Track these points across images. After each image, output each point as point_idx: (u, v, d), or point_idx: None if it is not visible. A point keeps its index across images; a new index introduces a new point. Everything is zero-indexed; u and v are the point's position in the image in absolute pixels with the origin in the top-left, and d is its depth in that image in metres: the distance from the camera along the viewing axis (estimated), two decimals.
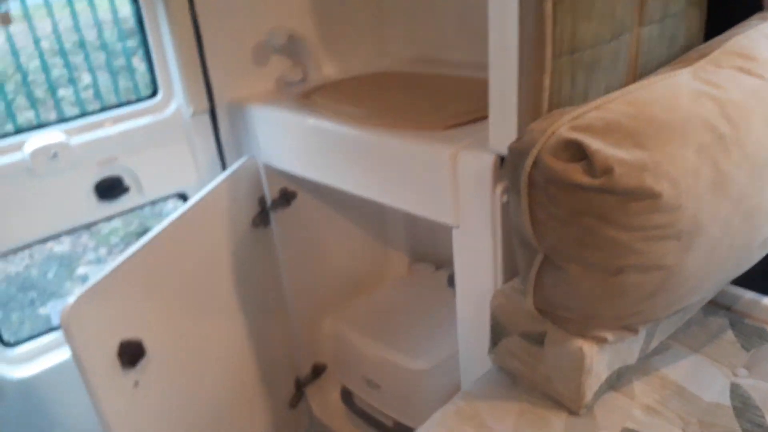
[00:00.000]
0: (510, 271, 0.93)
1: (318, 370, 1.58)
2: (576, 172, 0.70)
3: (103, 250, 3.01)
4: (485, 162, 0.87)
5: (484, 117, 1.00)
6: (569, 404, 0.85)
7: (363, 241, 1.60)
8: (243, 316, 1.30)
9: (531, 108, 0.79)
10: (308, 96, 1.24)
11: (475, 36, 1.32)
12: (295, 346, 1.52)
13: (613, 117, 0.73)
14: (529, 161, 0.72)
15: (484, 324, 0.95)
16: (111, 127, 1.22)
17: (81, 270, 3.05)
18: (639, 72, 0.89)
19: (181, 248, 1.11)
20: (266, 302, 1.39)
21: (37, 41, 1.29)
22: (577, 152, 0.70)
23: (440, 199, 0.96)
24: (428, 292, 1.56)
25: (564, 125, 0.72)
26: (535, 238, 0.76)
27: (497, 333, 0.90)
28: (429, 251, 1.72)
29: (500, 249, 0.92)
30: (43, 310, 2.90)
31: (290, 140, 1.21)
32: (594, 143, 0.69)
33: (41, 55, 1.33)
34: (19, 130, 1.16)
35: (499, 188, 0.88)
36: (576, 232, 0.72)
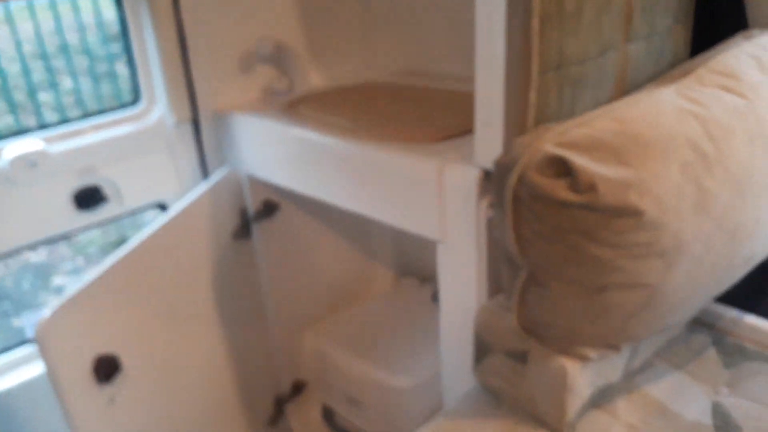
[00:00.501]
0: (495, 287, 0.92)
1: (298, 387, 1.55)
2: (560, 189, 0.69)
3: (80, 260, 2.95)
4: (471, 176, 0.87)
5: (471, 131, 0.99)
6: (552, 422, 0.84)
7: (347, 255, 1.59)
8: (222, 330, 1.28)
9: (517, 123, 0.79)
10: (294, 106, 1.23)
11: (463, 49, 1.32)
12: (275, 362, 1.49)
13: (598, 134, 0.73)
14: (514, 177, 0.72)
15: (468, 341, 0.94)
16: (91, 135, 1.20)
17: (57, 280, 2.99)
18: (626, 88, 0.89)
19: (160, 260, 1.09)
20: (246, 316, 1.37)
21: (18, 44, 1.26)
22: (562, 168, 0.70)
23: (425, 214, 0.95)
24: (413, 307, 1.55)
25: (549, 141, 0.72)
26: (520, 254, 0.75)
27: (481, 350, 0.89)
28: (415, 265, 1.71)
29: (485, 264, 0.91)
30: (16, 322, 2.83)
31: (275, 150, 1.20)
32: (578, 160, 0.69)
33: (22, 59, 1.30)
34: None
35: (484, 203, 0.87)
36: (560, 249, 0.72)
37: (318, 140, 1.09)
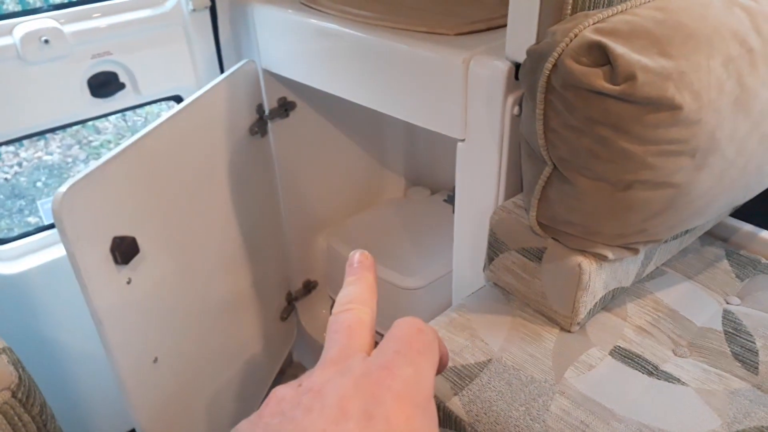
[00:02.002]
0: (513, 188, 0.91)
1: (309, 287, 1.59)
2: (597, 77, 0.67)
3: (93, 162, 2.96)
4: (499, 70, 0.84)
5: (501, 26, 0.95)
6: (562, 321, 0.85)
7: (361, 160, 1.58)
8: (238, 224, 1.29)
9: (553, 11, 0.75)
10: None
11: None
12: (288, 261, 1.52)
13: (640, 21, 0.69)
14: (549, 64, 0.69)
15: (482, 241, 0.94)
16: (106, 17, 1.16)
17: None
18: None
19: (176, 148, 1.08)
20: (261, 214, 1.38)
21: None
22: (600, 56, 0.67)
23: (448, 110, 0.93)
24: (423, 214, 1.56)
25: (588, 27, 0.68)
26: (546, 148, 0.74)
27: (495, 249, 0.89)
28: (426, 175, 1.70)
29: (505, 165, 0.89)
30: (32, 219, 2.87)
31: (292, 43, 1.16)
32: (618, 47, 0.66)
33: None
34: (4, 16, 1.10)
35: (511, 100, 0.85)
36: (589, 142, 0.70)
37: (335, 31, 1.05)
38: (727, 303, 0.92)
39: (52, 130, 1.19)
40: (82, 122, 1.22)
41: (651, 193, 0.71)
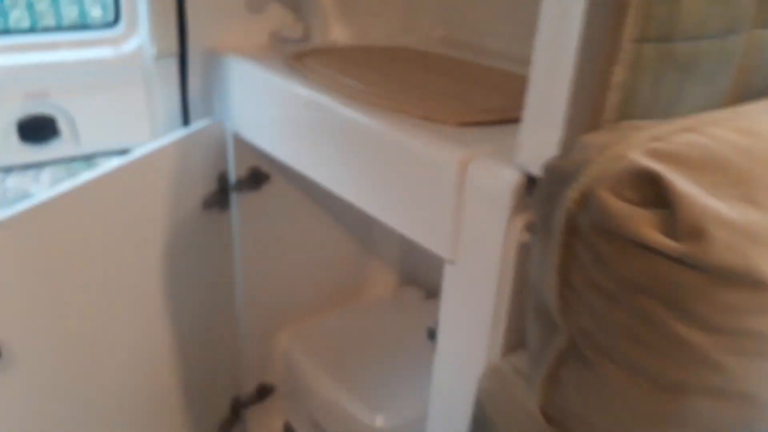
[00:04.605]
0: (514, 340, 0.67)
1: (263, 392, 1.32)
2: (646, 224, 0.43)
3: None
4: (506, 180, 0.61)
5: (515, 119, 0.74)
6: None
7: (344, 247, 1.34)
8: (172, 312, 1.05)
9: (588, 112, 0.53)
10: (301, 58, 0.99)
11: (522, 23, 1.06)
12: (239, 359, 1.26)
13: (716, 147, 0.46)
14: (575, 192, 0.46)
15: (465, 406, 0.69)
16: (48, 52, 0.97)
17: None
18: (748, 89, 0.62)
19: (100, 213, 0.86)
20: (207, 302, 1.14)
21: None
22: (653, 193, 0.44)
23: (436, 221, 0.70)
24: (413, 324, 1.29)
25: (637, 146, 0.46)
26: (561, 310, 0.50)
27: (480, 426, 0.64)
28: (423, 272, 1.45)
29: (506, 307, 0.65)
30: None
31: (265, 108, 0.96)
32: (682, 182, 0.43)
33: None
34: None
35: (520, 221, 0.62)
36: (625, 316, 0.46)
37: (315, 101, 0.84)
38: None
39: None
40: (7, 169, 1.01)
41: (714, 403, 0.46)
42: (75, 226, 0.83)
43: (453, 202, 0.67)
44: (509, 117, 0.75)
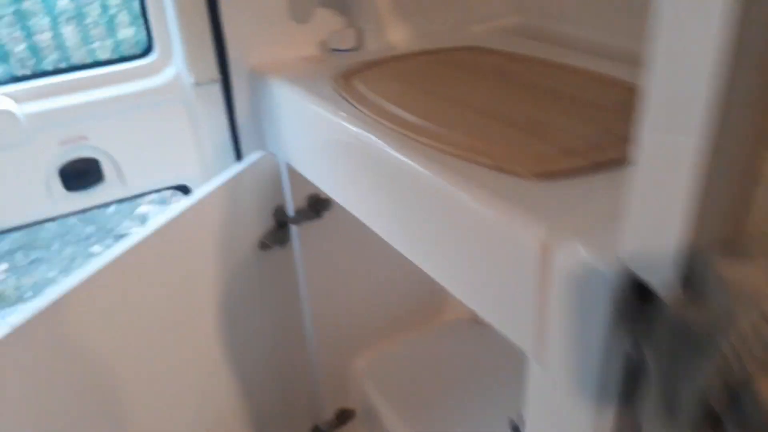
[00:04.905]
0: None
1: (344, 417, 1.25)
2: None
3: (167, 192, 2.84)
4: (602, 279, 0.45)
5: (609, 162, 0.57)
6: None
7: (416, 266, 1.22)
8: (235, 362, 0.99)
9: (725, 210, 0.36)
10: (350, 78, 0.85)
11: (611, 3, 0.85)
12: (315, 391, 1.19)
13: None
14: (715, 379, 0.30)
15: None
16: (81, 93, 0.90)
17: (142, 209, 2.91)
18: None
19: (143, 278, 0.80)
20: (275, 342, 1.07)
21: None
22: None
23: (515, 308, 0.56)
24: (492, 347, 1.16)
25: None
26: None
27: None
28: None
29: (611, 424, 0.51)
30: (96, 249, 2.79)
31: (315, 141, 0.84)
32: None
33: None
34: None
35: (625, 331, 0.46)
36: None
37: (359, 136, 0.71)
38: None
39: (17, 230, 0.95)
40: (55, 219, 0.97)
41: None
42: (114, 300, 0.76)
43: (535, 290, 0.52)
44: (602, 160, 0.59)
